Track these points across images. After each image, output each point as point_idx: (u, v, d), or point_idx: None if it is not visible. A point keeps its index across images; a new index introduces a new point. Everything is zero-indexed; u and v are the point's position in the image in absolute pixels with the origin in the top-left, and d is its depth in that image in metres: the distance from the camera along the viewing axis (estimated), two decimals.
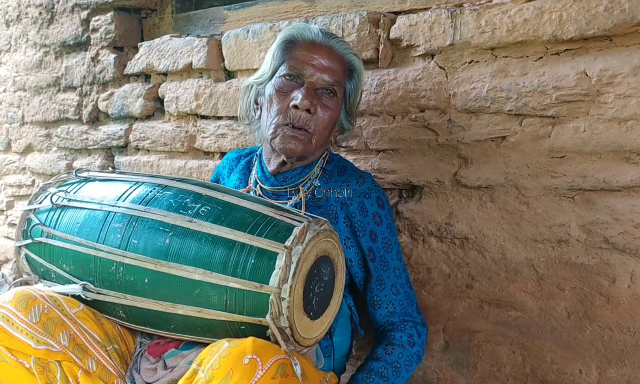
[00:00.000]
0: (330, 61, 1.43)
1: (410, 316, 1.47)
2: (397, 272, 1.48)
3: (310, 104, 1.39)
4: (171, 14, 2.43)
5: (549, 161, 1.44)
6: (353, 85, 1.49)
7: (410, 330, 1.45)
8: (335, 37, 1.48)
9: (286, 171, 1.51)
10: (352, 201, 1.45)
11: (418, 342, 1.45)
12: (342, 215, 1.45)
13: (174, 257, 1.21)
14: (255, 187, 1.55)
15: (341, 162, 1.55)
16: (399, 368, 1.41)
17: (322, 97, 1.43)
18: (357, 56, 1.50)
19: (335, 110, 1.46)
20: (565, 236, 1.45)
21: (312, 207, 1.46)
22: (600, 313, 1.43)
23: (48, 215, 1.39)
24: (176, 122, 2.25)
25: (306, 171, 1.50)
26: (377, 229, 1.46)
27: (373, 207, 1.46)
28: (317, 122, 1.42)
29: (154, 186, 1.34)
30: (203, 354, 1.12)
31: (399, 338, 1.43)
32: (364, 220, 1.45)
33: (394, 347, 1.42)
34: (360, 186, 1.46)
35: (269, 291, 1.13)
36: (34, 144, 2.88)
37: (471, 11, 1.50)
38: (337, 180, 1.49)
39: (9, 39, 2.91)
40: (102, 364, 1.28)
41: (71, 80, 2.62)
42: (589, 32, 1.33)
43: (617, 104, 1.33)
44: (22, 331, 1.22)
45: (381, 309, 1.47)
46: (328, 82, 1.43)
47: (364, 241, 1.46)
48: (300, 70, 1.42)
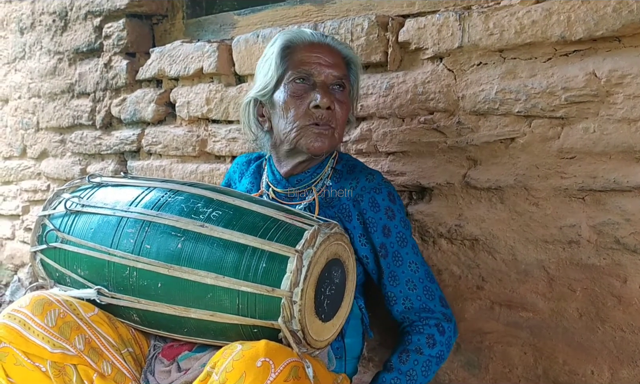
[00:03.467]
0: (332, 57, 1.46)
1: (430, 312, 1.44)
2: (414, 266, 1.45)
3: (330, 102, 1.42)
4: (182, 20, 2.45)
5: (558, 162, 1.44)
6: (354, 76, 1.53)
7: (430, 330, 1.43)
8: (328, 36, 1.53)
9: (299, 173, 1.52)
10: (363, 197, 1.45)
11: (440, 341, 1.42)
12: (355, 212, 1.45)
13: (186, 262, 1.22)
14: (267, 190, 1.56)
15: (350, 161, 1.56)
16: (414, 376, 1.40)
17: (335, 93, 1.46)
18: (351, 49, 1.55)
19: (348, 103, 1.50)
20: (575, 236, 1.45)
21: (325, 208, 1.47)
22: (612, 313, 1.43)
23: (62, 220, 1.41)
24: (188, 127, 2.27)
25: (318, 171, 1.51)
26: (391, 224, 1.45)
27: (385, 201, 1.45)
28: (336, 117, 1.46)
29: (165, 191, 1.35)
30: (216, 356, 1.14)
31: (416, 342, 1.42)
32: (375, 215, 1.45)
33: (409, 354, 1.41)
34: (370, 183, 1.47)
35: (281, 294, 1.14)
36: (48, 149, 2.92)
37: (479, 13, 1.50)
38: (347, 178, 1.50)
39: (23, 47, 2.96)
40: (117, 368, 1.30)
41: (84, 86, 2.65)
42: (597, 33, 1.33)
43: (627, 104, 1.33)
44: (39, 335, 1.24)
45: (397, 305, 1.46)
46: (337, 77, 1.46)
47: (376, 237, 1.45)
48: (308, 71, 1.44)
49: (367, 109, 1.74)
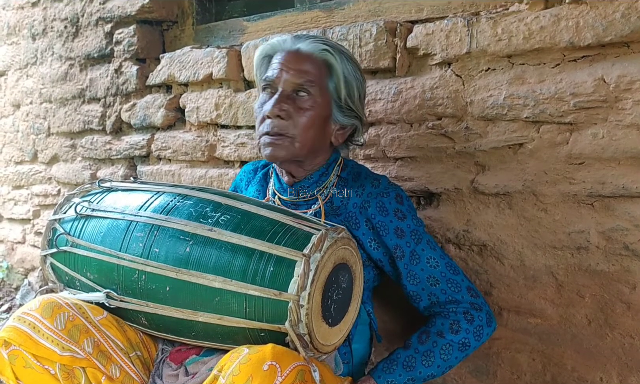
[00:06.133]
0: (297, 63, 1.43)
1: (457, 303, 1.42)
2: (433, 261, 1.44)
3: (278, 111, 1.40)
4: (192, 26, 2.47)
5: (567, 168, 1.44)
6: (333, 81, 1.46)
7: (456, 316, 1.41)
8: (308, 39, 1.46)
9: (301, 180, 1.52)
10: (370, 204, 1.45)
11: (466, 328, 1.40)
12: (363, 219, 1.45)
13: (194, 266, 1.23)
14: (273, 198, 1.56)
15: (355, 168, 1.55)
16: (431, 357, 1.39)
17: (296, 100, 1.43)
18: (331, 51, 1.45)
19: (315, 109, 1.43)
20: (584, 242, 1.44)
21: (332, 216, 1.47)
22: (621, 320, 1.42)
23: (72, 224, 1.43)
24: (197, 132, 2.29)
25: (322, 179, 1.51)
26: (403, 224, 1.44)
27: (392, 204, 1.44)
28: (296, 125, 1.42)
29: (174, 196, 1.36)
30: (223, 360, 1.14)
31: (439, 326, 1.41)
32: (385, 219, 1.44)
33: (429, 335, 1.41)
34: (376, 188, 1.46)
35: (288, 298, 1.15)
36: (59, 154, 2.95)
37: (487, 19, 1.51)
38: (352, 186, 1.49)
39: (35, 52, 2.99)
40: (125, 371, 1.31)
41: (95, 91, 2.68)
42: (606, 38, 1.33)
43: (636, 110, 1.32)
44: (48, 338, 1.25)
45: (423, 301, 1.45)
46: (297, 84, 1.42)
47: (389, 239, 1.44)
48: (271, 79, 1.44)
49: (376, 114, 1.75)
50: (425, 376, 1.40)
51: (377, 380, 1.39)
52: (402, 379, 1.39)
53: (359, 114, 1.51)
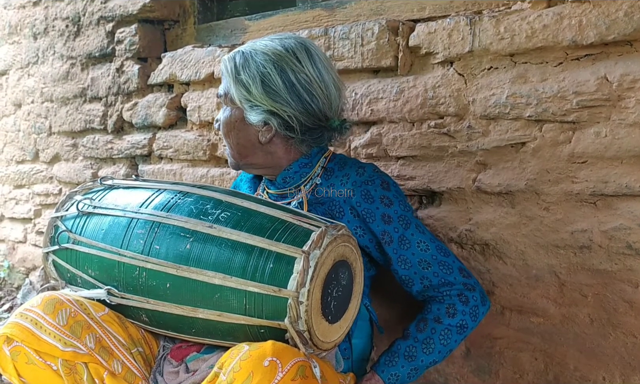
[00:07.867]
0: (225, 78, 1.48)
1: (450, 285, 1.42)
2: (423, 245, 1.43)
3: (215, 121, 1.54)
4: (193, 25, 2.47)
5: (569, 167, 1.44)
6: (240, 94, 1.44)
7: (450, 300, 1.41)
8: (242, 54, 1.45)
9: (281, 172, 1.50)
10: (354, 192, 1.43)
11: (462, 310, 1.40)
12: (347, 208, 1.44)
13: (194, 263, 1.23)
14: (262, 193, 1.57)
15: (343, 159, 1.54)
16: (431, 344, 1.39)
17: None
18: (225, 62, 1.47)
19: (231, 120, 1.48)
20: (587, 241, 1.44)
21: (315, 205, 1.46)
22: (624, 319, 1.41)
23: (74, 222, 1.43)
24: (198, 131, 2.29)
25: (306, 170, 1.50)
26: (390, 210, 1.43)
27: (378, 191, 1.43)
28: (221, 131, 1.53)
29: (175, 193, 1.36)
30: (224, 357, 1.14)
31: (436, 311, 1.41)
32: (371, 206, 1.43)
33: (427, 323, 1.41)
34: (361, 176, 1.45)
35: (287, 295, 1.15)
36: (60, 153, 2.95)
37: (490, 18, 1.50)
38: (337, 175, 1.48)
39: (36, 52, 2.99)
40: (127, 367, 1.32)
41: (97, 91, 2.68)
42: (609, 37, 1.33)
43: (639, 108, 1.32)
44: (50, 333, 1.25)
45: (415, 285, 1.44)
46: (219, 96, 1.52)
47: (375, 226, 1.43)
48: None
49: (377, 113, 1.74)
50: (427, 363, 1.40)
51: (381, 375, 1.39)
52: (405, 371, 1.39)
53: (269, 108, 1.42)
